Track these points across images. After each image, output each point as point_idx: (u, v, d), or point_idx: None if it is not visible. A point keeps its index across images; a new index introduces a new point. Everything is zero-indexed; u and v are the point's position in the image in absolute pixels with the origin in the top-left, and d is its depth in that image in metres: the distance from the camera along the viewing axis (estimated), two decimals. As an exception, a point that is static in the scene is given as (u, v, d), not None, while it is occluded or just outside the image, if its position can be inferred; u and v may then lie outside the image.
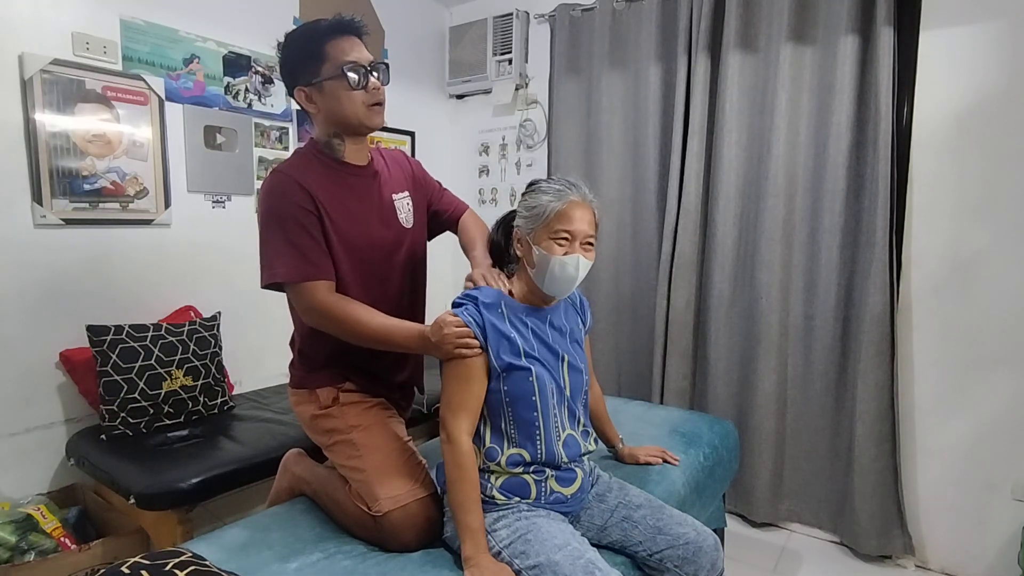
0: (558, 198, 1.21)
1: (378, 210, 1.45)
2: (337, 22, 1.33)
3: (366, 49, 1.36)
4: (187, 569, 0.88)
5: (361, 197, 1.42)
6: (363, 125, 1.37)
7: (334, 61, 1.31)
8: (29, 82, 1.85)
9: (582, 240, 1.22)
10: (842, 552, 2.24)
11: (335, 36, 1.32)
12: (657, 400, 2.58)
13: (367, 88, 1.33)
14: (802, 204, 2.27)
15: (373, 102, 1.35)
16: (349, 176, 1.41)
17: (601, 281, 2.78)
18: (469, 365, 1.19)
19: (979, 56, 1.95)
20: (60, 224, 1.95)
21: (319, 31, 1.33)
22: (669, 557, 1.23)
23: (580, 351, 1.36)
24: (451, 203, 1.66)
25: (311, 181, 1.32)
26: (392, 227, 1.47)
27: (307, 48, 1.33)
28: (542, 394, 1.21)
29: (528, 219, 1.24)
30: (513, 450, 1.21)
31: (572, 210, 1.21)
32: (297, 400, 1.48)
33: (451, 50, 3.22)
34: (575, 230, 1.21)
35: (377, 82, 1.35)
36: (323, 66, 1.32)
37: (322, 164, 1.38)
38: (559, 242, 1.21)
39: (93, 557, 1.68)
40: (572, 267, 1.21)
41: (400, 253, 1.48)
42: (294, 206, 1.29)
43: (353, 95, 1.32)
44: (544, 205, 1.22)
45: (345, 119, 1.36)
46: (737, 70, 2.34)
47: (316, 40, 1.32)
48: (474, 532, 1.13)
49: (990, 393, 2.00)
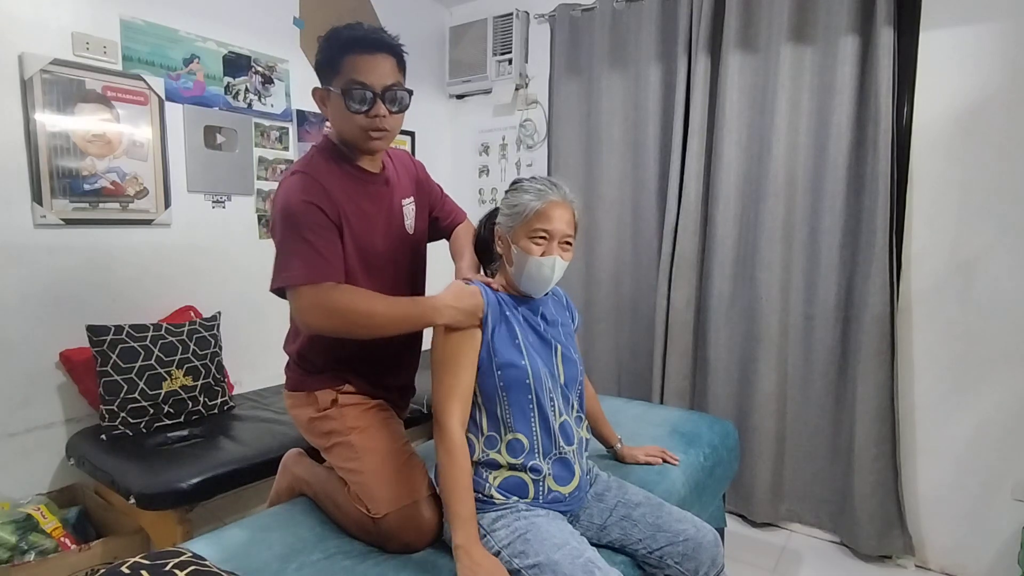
0: (538, 197, 1.23)
1: (387, 217, 1.44)
2: (361, 36, 1.27)
3: (391, 69, 1.29)
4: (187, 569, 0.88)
5: (375, 203, 1.41)
6: (358, 148, 1.35)
7: (344, 76, 1.26)
8: (29, 82, 1.85)
9: (560, 239, 1.24)
10: (842, 552, 2.24)
11: (355, 51, 1.26)
12: (657, 400, 2.58)
13: (368, 114, 1.27)
14: (802, 204, 2.27)
15: (372, 128, 1.29)
16: (366, 183, 1.39)
17: (601, 281, 2.78)
18: (459, 352, 1.22)
19: (979, 56, 1.95)
20: (60, 224, 1.95)
21: (341, 40, 1.27)
22: (669, 554, 1.23)
23: (572, 342, 1.38)
24: (450, 212, 1.65)
25: (333, 185, 1.30)
26: (398, 234, 1.47)
27: (329, 53, 1.28)
28: (536, 379, 1.23)
29: (509, 217, 1.27)
30: (511, 435, 1.22)
31: (551, 209, 1.23)
32: (293, 403, 1.47)
33: (451, 50, 3.22)
34: (553, 229, 1.23)
35: (385, 110, 1.28)
36: (335, 77, 1.27)
37: (342, 169, 1.36)
38: (537, 241, 1.23)
39: (93, 557, 1.68)
40: (548, 268, 1.24)
41: (404, 259, 1.49)
42: (313, 207, 1.25)
43: (353, 117, 1.28)
44: (524, 204, 1.24)
45: (342, 135, 1.35)
46: (737, 70, 2.34)
47: (338, 48, 1.27)
48: (464, 520, 1.13)
49: (990, 393, 2.00)
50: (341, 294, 1.25)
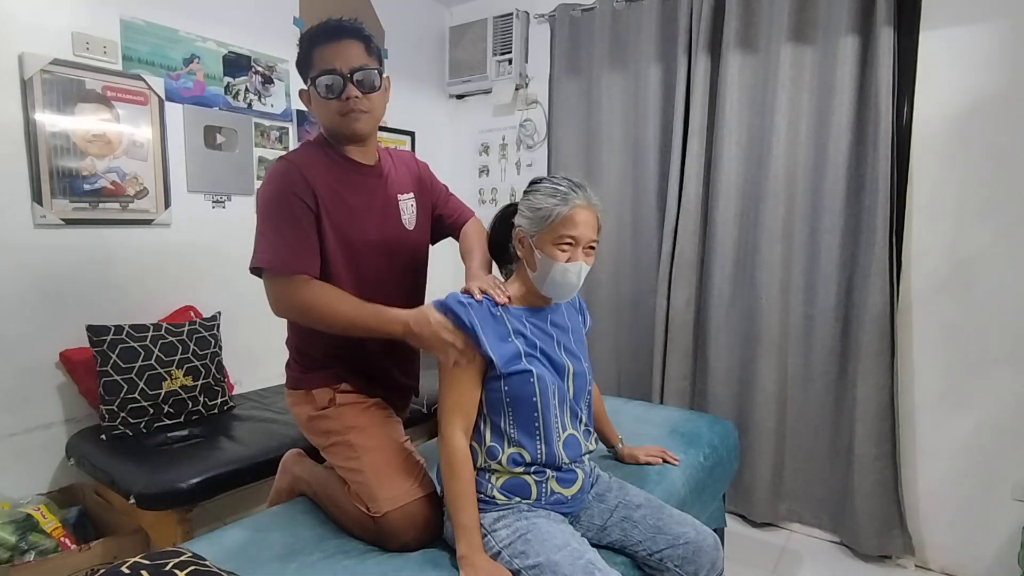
0: (564, 202, 1.19)
1: (381, 210, 1.44)
2: (322, 27, 1.33)
3: (357, 52, 1.32)
4: (187, 569, 0.88)
5: (363, 195, 1.41)
6: (339, 133, 1.38)
7: (316, 68, 1.32)
8: (29, 82, 1.85)
9: (585, 245, 1.22)
10: (842, 552, 2.24)
11: (322, 42, 1.31)
12: (657, 400, 2.58)
13: (340, 97, 1.31)
14: (802, 204, 2.27)
15: (347, 111, 1.33)
16: (354, 173, 1.41)
17: (601, 281, 2.78)
18: (463, 367, 1.19)
19: (979, 56, 1.95)
20: (60, 224, 1.95)
21: (310, 36, 1.33)
22: (669, 556, 1.23)
23: (583, 348, 1.36)
24: (456, 209, 1.65)
25: (314, 173, 1.33)
26: (393, 228, 1.46)
27: (303, 52, 1.35)
28: (543, 395, 1.21)
29: (531, 220, 1.23)
30: (513, 449, 1.21)
31: (577, 215, 1.20)
32: (294, 401, 1.48)
33: (451, 50, 3.22)
34: (579, 235, 1.20)
35: (355, 91, 1.31)
36: (309, 72, 1.34)
37: (329, 158, 1.39)
38: (563, 247, 1.20)
39: (93, 557, 1.68)
40: (574, 274, 1.21)
41: (400, 255, 1.48)
42: (291, 195, 1.29)
43: (328, 104, 1.33)
44: (549, 209, 1.20)
45: (325, 127, 1.40)
46: (737, 70, 2.34)
47: (308, 45, 1.33)
48: (468, 530, 1.13)
49: (990, 393, 2.00)
50: (309, 291, 1.28)
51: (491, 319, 1.21)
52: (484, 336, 1.18)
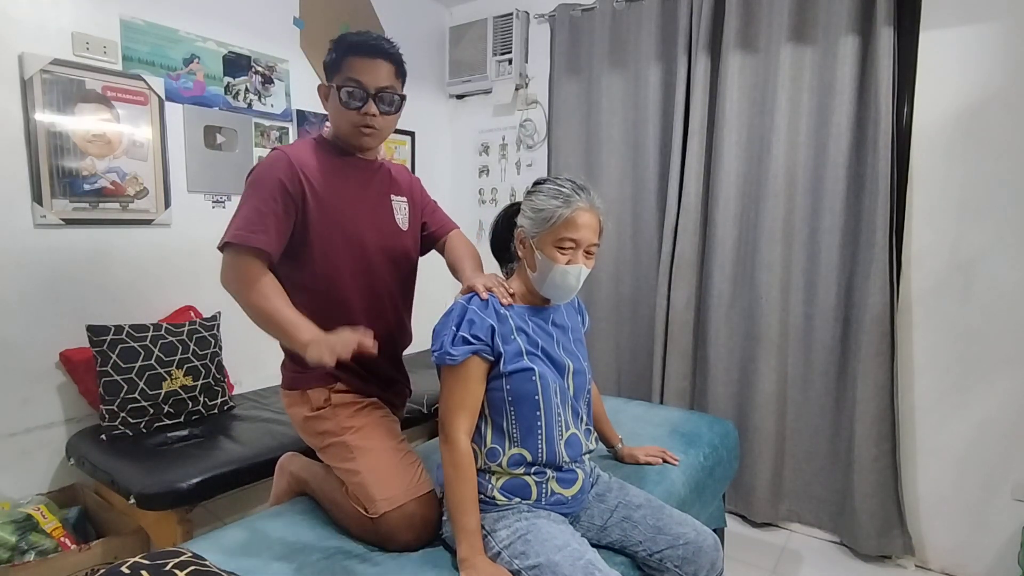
0: (566, 204, 1.19)
1: (375, 201, 1.48)
2: (362, 40, 1.37)
3: (387, 73, 1.38)
4: (187, 569, 0.88)
5: (357, 183, 1.45)
6: (348, 143, 1.43)
7: (343, 75, 1.36)
8: (29, 82, 1.85)
9: (586, 247, 1.22)
10: (842, 552, 2.24)
11: (357, 54, 1.35)
12: (657, 400, 2.58)
13: (359, 111, 1.36)
14: (802, 204, 2.27)
15: (362, 124, 1.38)
16: (349, 166, 1.45)
17: (601, 281, 2.78)
18: (467, 366, 1.19)
19: (979, 56, 1.95)
20: (60, 224, 1.95)
21: (346, 43, 1.37)
22: (669, 557, 1.23)
23: (582, 348, 1.36)
24: (440, 221, 1.66)
25: (305, 160, 1.36)
26: (387, 222, 1.49)
27: (335, 53, 1.38)
28: (545, 393, 1.21)
29: (533, 221, 1.23)
30: (515, 450, 1.21)
31: (579, 217, 1.20)
32: (290, 401, 1.47)
33: (451, 50, 3.22)
34: (580, 238, 1.20)
35: (375, 109, 1.37)
36: (336, 75, 1.38)
37: (324, 149, 1.43)
38: (563, 250, 1.20)
39: (93, 557, 1.68)
40: (573, 277, 1.22)
41: (394, 249, 1.49)
42: (273, 178, 1.31)
43: (346, 112, 1.37)
44: (551, 210, 1.20)
45: (336, 130, 1.43)
46: (737, 70, 2.34)
47: (342, 50, 1.37)
48: (470, 533, 1.13)
49: (990, 393, 2.00)
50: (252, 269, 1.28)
51: (496, 317, 1.22)
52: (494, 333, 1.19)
